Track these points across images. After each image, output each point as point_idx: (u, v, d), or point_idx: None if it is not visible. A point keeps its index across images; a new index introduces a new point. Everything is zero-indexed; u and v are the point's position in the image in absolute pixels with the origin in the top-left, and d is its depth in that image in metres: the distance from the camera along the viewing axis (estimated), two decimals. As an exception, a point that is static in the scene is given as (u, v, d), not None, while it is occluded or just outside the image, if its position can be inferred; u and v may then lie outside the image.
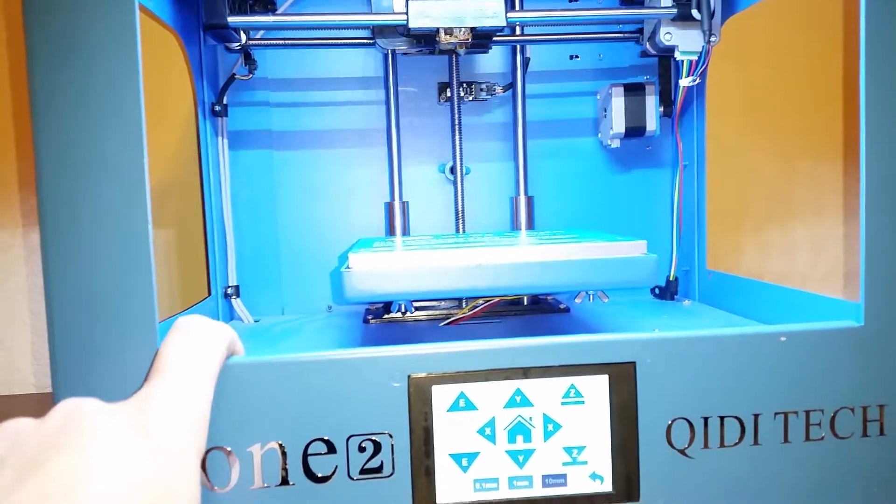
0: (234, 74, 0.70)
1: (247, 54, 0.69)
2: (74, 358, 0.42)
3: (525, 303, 0.74)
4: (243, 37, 0.64)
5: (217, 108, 0.70)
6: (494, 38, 0.67)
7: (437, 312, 0.72)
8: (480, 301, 0.70)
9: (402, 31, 0.63)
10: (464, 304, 0.72)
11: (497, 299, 0.70)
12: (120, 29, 0.42)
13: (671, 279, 0.76)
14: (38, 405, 0.82)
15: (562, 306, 0.73)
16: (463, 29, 0.59)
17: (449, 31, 0.60)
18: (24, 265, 0.88)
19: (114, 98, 0.42)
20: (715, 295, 0.73)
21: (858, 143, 0.46)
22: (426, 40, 0.64)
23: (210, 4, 0.58)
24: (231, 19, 0.59)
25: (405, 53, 0.71)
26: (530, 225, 0.75)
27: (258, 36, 0.69)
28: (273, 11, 0.68)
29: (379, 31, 0.66)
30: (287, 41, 0.69)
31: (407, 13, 0.58)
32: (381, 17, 0.61)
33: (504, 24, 0.59)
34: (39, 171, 0.42)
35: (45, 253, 0.42)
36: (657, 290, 0.78)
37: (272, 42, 0.69)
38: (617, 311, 0.72)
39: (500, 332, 0.64)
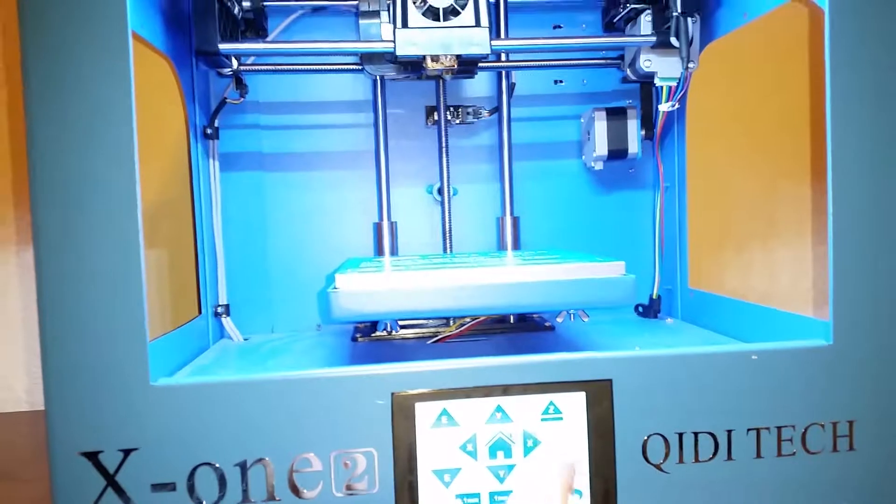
0: (226, 98, 0.71)
1: (238, 79, 0.71)
2: (67, 376, 0.43)
3: (511, 321, 0.75)
4: (234, 62, 0.66)
5: (208, 131, 0.71)
6: (481, 65, 0.69)
7: (426, 331, 0.73)
8: (467, 319, 0.72)
9: (390, 58, 0.65)
10: (451, 323, 0.73)
11: (483, 318, 0.72)
12: (114, 55, 0.44)
13: (654, 298, 0.78)
14: (30, 423, 0.83)
15: (547, 324, 0.75)
16: (449, 56, 0.61)
17: (435, 58, 0.61)
18: (18, 283, 0.89)
19: (107, 122, 0.44)
20: (697, 313, 0.74)
21: (825, 163, 0.48)
22: (413, 66, 0.66)
23: (202, 32, 0.60)
24: (222, 46, 0.61)
25: (393, 79, 0.73)
26: (516, 245, 0.76)
27: (249, 62, 0.71)
28: (264, 38, 0.69)
29: (367, 59, 0.68)
30: (277, 66, 0.71)
31: (394, 41, 0.60)
32: (369, 45, 0.63)
33: (489, 51, 0.61)
34: (34, 191, 0.44)
35: (39, 272, 0.43)
36: (640, 309, 0.80)
37: (263, 67, 0.71)
38: (601, 330, 0.73)
39: (487, 350, 0.65)
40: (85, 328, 0.43)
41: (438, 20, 0.60)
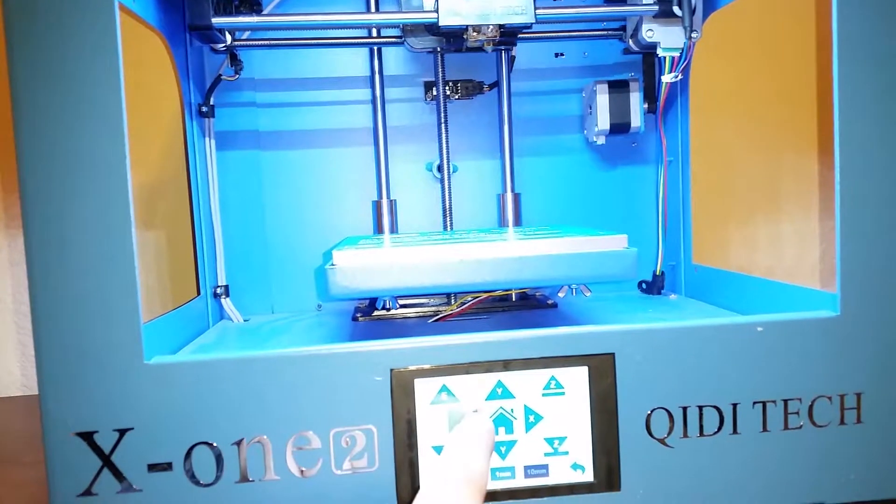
0: (221, 75, 0.70)
1: (233, 55, 0.70)
2: (60, 360, 0.43)
3: (513, 298, 0.74)
4: (228, 38, 0.65)
5: (204, 109, 0.70)
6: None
7: (426, 310, 0.73)
8: (468, 297, 0.71)
9: (431, 28, 0.63)
10: (452, 301, 0.73)
11: (485, 295, 0.71)
12: (100, 30, 0.43)
13: (657, 274, 0.77)
14: (26, 407, 0.83)
15: (549, 302, 0.74)
16: (491, 26, 0.60)
17: (477, 29, 0.60)
18: (10, 268, 0.89)
19: (95, 100, 0.43)
20: (701, 289, 0.74)
21: (833, 136, 0.47)
22: (455, 38, 0.65)
23: (194, 5, 0.59)
24: (216, 20, 0.60)
25: (431, 51, 0.71)
26: (517, 222, 0.75)
27: (244, 37, 0.69)
28: (258, 12, 0.68)
29: (409, 31, 0.66)
30: (272, 41, 0.70)
31: (437, 11, 0.58)
32: (413, 16, 0.62)
33: (533, 20, 0.59)
34: (22, 174, 0.43)
35: (30, 256, 0.43)
36: (644, 285, 0.79)
37: (258, 42, 0.70)
38: (603, 306, 0.73)
39: (488, 328, 0.64)
40: (78, 312, 0.43)
41: (481, -11, 0.59)
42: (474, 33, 0.60)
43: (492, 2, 0.59)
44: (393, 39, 0.71)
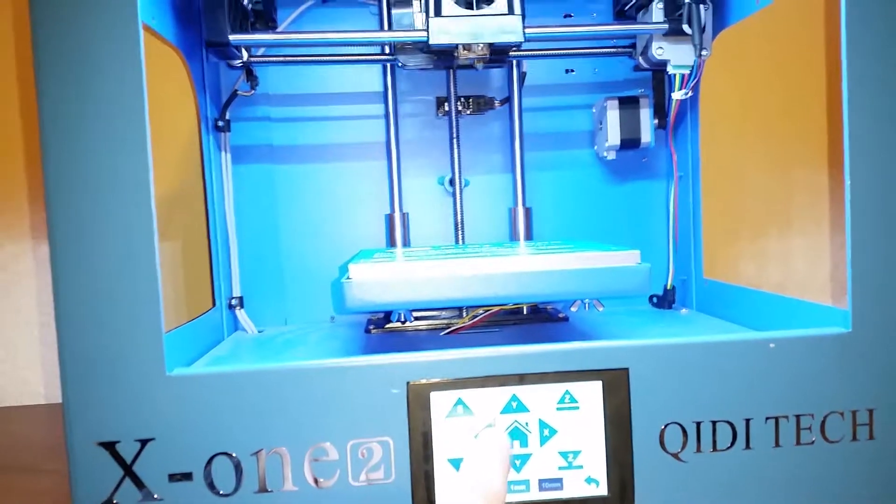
0: (236, 90, 0.71)
1: (248, 71, 0.71)
2: (83, 368, 0.44)
3: (525, 312, 0.75)
4: (245, 54, 0.66)
5: (220, 123, 0.71)
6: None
7: (438, 322, 0.73)
8: (480, 310, 0.72)
9: (422, 47, 0.64)
10: (464, 314, 0.73)
11: (497, 308, 0.72)
12: (125, 48, 0.44)
13: (668, 288, 0.77)
14: (47, 416, 0.84)
15: (561, 315, 0.74)
16: (481, 45, 0.61)
17: (468, 47, 0.61)
18: (34, 277, 0.90)
19: (119, 114, 0.44)
20: (712, 303, 0.74)
21: (842, 151, 0.48)
22: (445, 56, 0.66)
23: (212, 23, 0.60)
24: (232, 37, 0.61)
25: (423, 69, 0.72)
26: (528, 236, 0.76)
27: (259, 53, 0.71)
28: (273, 29, 0.69)
29: (400, 48, 0.67)
30: (287, 58, 0.71)
31: (427, 30, 0.59)
32: (401, 35, 0.63)
33: (522, 39, 0.60)
34: (48, 185, 0.44)
35: (54, 265, 0.44)
36: (655, 299, 0.79)
37: (273, 59, 0.71)
38: (615, 320, 0.73)
39: (500, 341, 0.65)
40: (101, 319, 0.44)
41: (472, 8, 0.60)
42: (465, 51, 0.61)
43: (481, 21, 0.60)
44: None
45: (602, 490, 0.46)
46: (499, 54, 0.66)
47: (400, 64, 0.69)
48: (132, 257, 0.44)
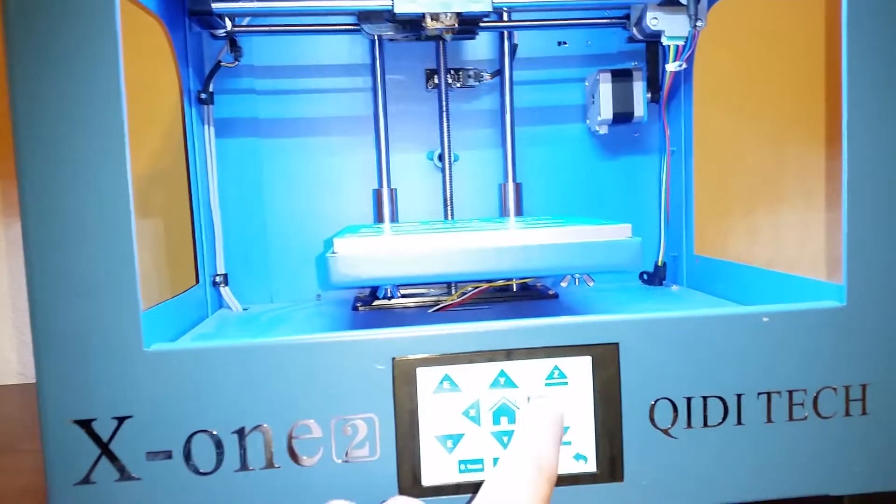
0: (220, 62, 0.70)
1: (232, 41, 0.69)
2: (58, 347, 0.42)
3: (514, 289, 0.74)
4: (228, 23, 0.64)
5: (203, 95, 0.70)
6: (481, 24, 0.67)
7: (427, 299, 0.72)
8: (469, 287, 0.71)
9: (388, 16, 0.62)
10: (453, 291, 0.72)
11: (486, 285, 0.71)
12: (100, 14, 0.42)
13: (659, 264, 0.76)
14: (22, 395, 0.82)
15: (550, 292, 0.74)
16: (449, 14, 0.59)
17: (435, 17, 0.59)
18: (7, 257, 0.88)
19: (94, 86, 0.42)
20: (703, 280, 0.73)
21: (840, 127, 0.47)
22: (412, 26, 0.64)
23: (194, -10, 0.58)
24: (215, 5, 0.59)
25: (391, 39, 0.70)
26: (519, 211, 0.75)
27: (244, 23, 0.69)
28: (258, -2, 0.67)
29: (365, 17, 0.65)
30: (272, 27, 0.69)
31: None
32: (367, 3, 0.61)
33: (490, 9, 0.59)
34: (20, 161, 0.42)
35: (27, 242, 0.42)
36: (646, 276, 0.78)
37: (257, 28, 0.69)
38: (605, 297, 0.72)
39: (488, 318, 0.63)
40: (76, 299, 0.42)
41: (439, -25, 0.58)
42: (432, 21, 0.59)
43: None
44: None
45: (591, 466, 0.45)
46: (469, 24, 0.64)
47: (366, 35, 0.67)
48: (108, 232, 0.42)
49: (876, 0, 0.46)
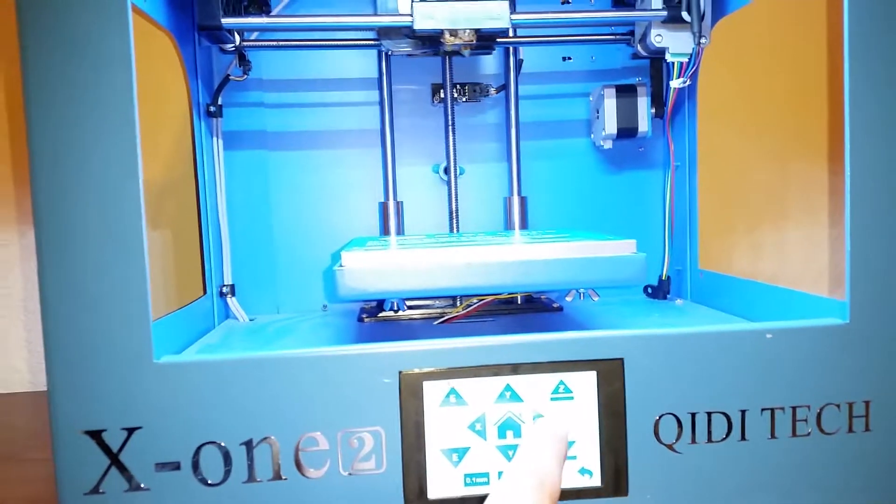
0: (229, 75, 0.70)
1: (241, 55, 0.70)
2: (69, 356, 0.43)
3: (519, 302, 0.74)
4: (237, 38, 0.65)
5: (212, 108, 0.70)
6: (498, 40, 0.67)
7: (432, 311, 0.73)
8: (474, 300, 0.71)
9: (408, 32, 0.63)
10: (458, 303, 0.73)
11: (490, 298, 0.71)
12: (114, 30, 0.43)
13: (664, 278, 0.77)
14: (32, 404, 0.83)
15: (555, 305, 0.74)
16: (468, 30, 0.60)
17: (454, 33, 0.60)
18: (20, 264, 0.89)
19: (108, 98, 0.43)
20: (707, 294, 0.74)
21: (843, 143, 0.47)
22: (431, 42, 0.65)
23: (204, 6, 0.59)
24: (225, 21, 0.60)
25: (410, 55, 0.71)
26: (524, 225, 0.75)
27: (252, 37, 0.70)
28: (267, 13, 0.68)
29: (385, 33, 0.66)
30: (281, 42, 0.70)
31: (412, 15, 0.58)
32: (386, 19, 0.61)
33: (508, 25, 0.59)
34: (34, 170, 0.43)
35: (40, 252, 0.43)
36: (650, 290, 0.79)
37: (266, 43, 0.70)
38: (609, 310, 0.73)
39: (493, 331, 0.64)
40: (87, 308, 0.43)
41: (458, -7, 0.59)
42: (451, 37, 0.60)
43: (467, 6, 0.59)
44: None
45: (596, 481, 0.45)
46: (486, 41, 0.65)
47: (385, 50, 0.68)
48: (120, 245, 0.43)
49: (878, 17, 0.46)
